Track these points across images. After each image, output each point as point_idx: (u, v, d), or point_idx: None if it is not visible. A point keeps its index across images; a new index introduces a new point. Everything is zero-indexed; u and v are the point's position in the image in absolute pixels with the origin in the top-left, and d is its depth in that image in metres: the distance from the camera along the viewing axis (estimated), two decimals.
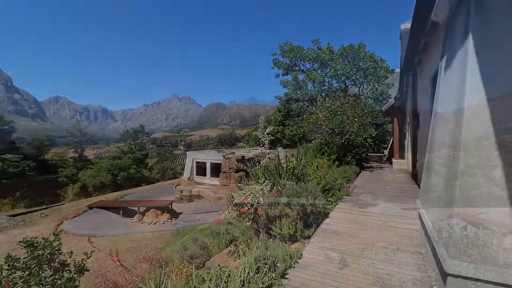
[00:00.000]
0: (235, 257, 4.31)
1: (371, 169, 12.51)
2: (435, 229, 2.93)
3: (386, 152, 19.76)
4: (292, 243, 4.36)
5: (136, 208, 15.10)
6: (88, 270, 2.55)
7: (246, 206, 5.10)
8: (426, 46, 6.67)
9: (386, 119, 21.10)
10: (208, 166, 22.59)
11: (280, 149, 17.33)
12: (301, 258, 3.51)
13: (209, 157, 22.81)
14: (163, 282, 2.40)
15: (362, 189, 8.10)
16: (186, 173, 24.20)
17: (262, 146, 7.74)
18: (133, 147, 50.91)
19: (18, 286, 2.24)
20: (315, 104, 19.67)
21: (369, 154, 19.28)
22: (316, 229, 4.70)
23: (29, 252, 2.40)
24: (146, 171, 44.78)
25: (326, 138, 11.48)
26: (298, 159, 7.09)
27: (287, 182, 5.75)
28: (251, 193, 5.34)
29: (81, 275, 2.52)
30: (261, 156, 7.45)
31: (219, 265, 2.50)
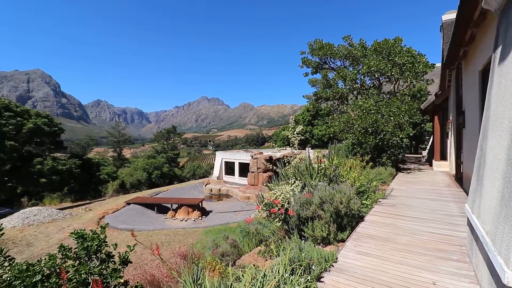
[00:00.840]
0: (266, 257, 4.29)
1: (409, 171, 11.76)
2: (489, 237, 2.65)
3: (424, 153, 18.54)
4: (325, 246, 4.23)
5: (169, 205, 15.80)
6: (131, 262, 2.69)
7: (277, 206, 5.07)
8: (474, 37, 6.12)
9: (424, 117, 19.77)
10: (236, 165, 22.91)
11: (309, 149, 16.95)
12: (336, 262, 3.39)
13: (237, 157, 23.12)
14: (199, 278, 2.46)
15: (399, 192, 7.64)
16: (215, 172, 24.77)
17: (291, 146, 7.64)
18: (166, 147, 53.50)
19: (70, 274, 2.43)
20: (346, 102, 18.99)
21: (406, 155, 18.16)
22: (350, 233, 4.52)
23: (79, 243, 2.60)
24: (178, 170, 46.79)
25: (358, 138, 11.03)
26: (330, 159, 6.88)
27: (318, 183, 5.61)
28: (282, 193, 5.29)
29: (125, 266, 2.67)
30: (290, 156, 7.35)
31: (254, 265, 2.50)
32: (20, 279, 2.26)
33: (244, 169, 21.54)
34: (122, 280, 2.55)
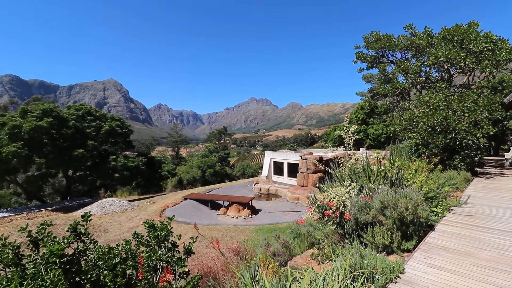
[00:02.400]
0: (319, 261, 4.14)
1: (488, 176, 10.09)
2: None
3: (508, 155, 15.71)
4: (388, 255, 3.88)
5: (221, 202, 16.54)
6: (194, 253, 2.87)
7: (331, 208, 4.84)
8: None
9: (508, 113, 16.78)
10: (285, 166, 22.76)
11: (364, 149, 15.85)
12: (403, 273, 3.07)
13: (286, 157, 22.95)
14: (256, 274, 2.49)
15: (477, 199, 6.60)
16: (264, 172, 25.01)
17: (345, 146, 7.24)
18: (218, 146, 56.30)
19: (143, 259, 2.70)
20: (408, 98, 17.23)
21: (484, 157, 15.72)
22: (418, 243, 4.06)
23: (150, 232, 2.87)
24: (228, 168, 48.74)
25: (424, 137, 9.88)
26: (392, 160, 6.31)
27: (378, 186, 5.19)
28: (336, 195, 5.04)
29: (189, 256, 2.86)
30: (342, 157, 6.96)
31: (312, 268, 2.43)
32: (103, 260, 2.59)
33: (293, 169, 21.26)
34: (186, 269, 2.73)
